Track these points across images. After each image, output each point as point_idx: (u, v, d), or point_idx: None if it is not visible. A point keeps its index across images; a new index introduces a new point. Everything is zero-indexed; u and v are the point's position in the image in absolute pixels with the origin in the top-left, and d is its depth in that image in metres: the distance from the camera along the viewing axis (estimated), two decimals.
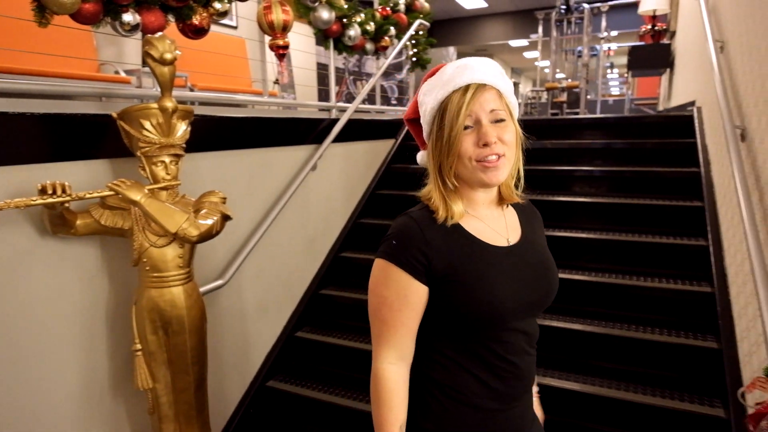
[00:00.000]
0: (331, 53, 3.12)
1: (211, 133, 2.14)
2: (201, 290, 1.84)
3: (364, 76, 6.67)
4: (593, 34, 7.27)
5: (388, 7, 3.61)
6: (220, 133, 2.20)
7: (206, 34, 2.01)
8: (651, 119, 3.82)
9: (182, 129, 1.64)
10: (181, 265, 1.65)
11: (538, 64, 8.30)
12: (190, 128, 1.68)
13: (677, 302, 2.33)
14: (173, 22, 1.90)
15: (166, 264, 1.62)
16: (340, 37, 3.08)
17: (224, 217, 1.67)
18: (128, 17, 1.69)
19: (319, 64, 5.58)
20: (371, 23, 3.28)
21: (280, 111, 3.11)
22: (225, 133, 2.23)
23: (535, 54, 8.41)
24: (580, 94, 7.13)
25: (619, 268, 2.59)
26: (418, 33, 4.01)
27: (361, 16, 3.20)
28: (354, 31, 3.09)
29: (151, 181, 1.61)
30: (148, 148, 1.57)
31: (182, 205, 1.64)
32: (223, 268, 2.22)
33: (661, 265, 2.53)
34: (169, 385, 1.70)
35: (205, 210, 1.64)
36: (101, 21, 1.66)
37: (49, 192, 1.38)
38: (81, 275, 1.65)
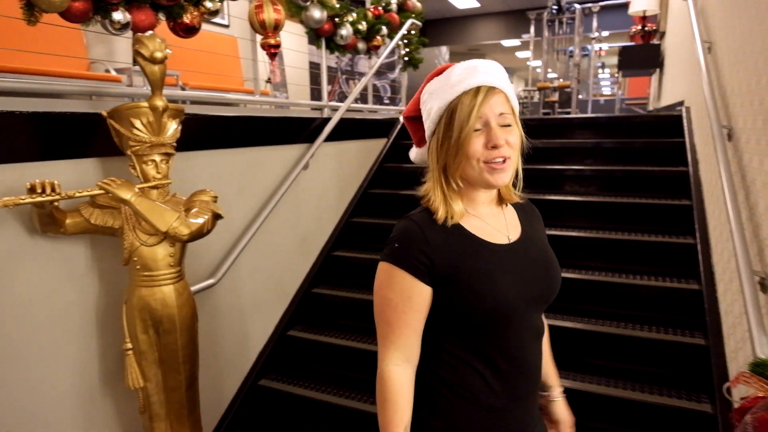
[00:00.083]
0: (323, 52, 3.12)
1: (203, 132, 2.14)
2: (192, 289, 1.84)
3: (357, 76, 6.67)
4: (584, 35, 7.32)
5: (380, 7, 3.61)
6: (211, 132, 2.20)
7: (197, 33, 2.00)
8: (641, 119, 3.86)
9: (173, 128, 1.64)
10: (171, 264, 1.65)
11: (530, 63, 8.33)
12: (180, 127, 1.68)
13: (666, 300, 2.36)
14: (164, 20, 1.89)
15: (157, 263, 1.62)
16: (331, 37, 3.08)
17: (215, 216, 1.67)
18: (118, 15, 1.68)
19: (312, 63, 5.57)
20: (363, 22, 3.29)
21: (272, 110, 3.11)
22: (216, 132, 2.23)
23: (527, 54, 8.44)
24: (571, 94, 7.18)
25: (609, 266, 2.61)
26: (410, 32, 4.02)
27: (353, 15, 3.20)
28: (346, 31, 3.09)
29: (142, 180, 1.60)
30: (139, 147, 1.57)
31: (173, 203, 1.64)
32: (215, 267, 2.22)
33: (650, 263, 2.56)
34: (160, 384, 1.70)
35: (196, 209, 1.64)
36: (91, 19, 1.65)
37: (38, 191, 1.38)
38: (71, 274, 1.64)
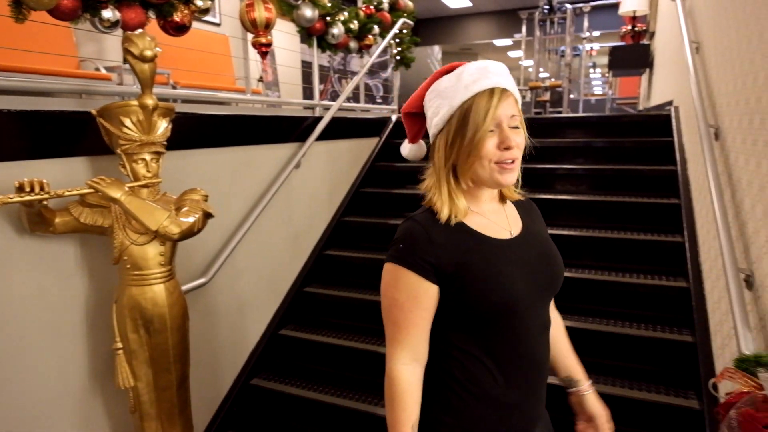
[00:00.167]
0: (315, 51, 3.12)
1: (194, 131, 2.13)
2: (183, 288, 1.84)
3: (349, 75, 6.66)
4: (576, 34, 7.36)
5: (372, 6, 3.61)
6: (202, 131, 2.19)
7: (187, 31, 1.99)
8: (631, 118, 3.89)
9: (163, 126, 1.63)
10: (162, 263, 1.65)
11: (521, 63, 8.36)
12: (171, 125, 1.67)
13: (654, 297, 2.38)
14: (154, 18, 1.88)
15: (147, 262, 1.61)
16: (323, 35, 3.08)
17: (206, 215, 1.67)
18: (108, 14, 1.67)
19: (304, 62, 5.56)
20: (355, 21, 3.29)
21: (264, 109, 3.10)
22: (208, 131, 2.22)
23: (519, 53, 8.47)
24: (563, 93, 7.22)
25: (599, 264, 2.63)
26: (402, 31, 4.03)
27: (345, 14, 3.20)
28: (337, 30, 3.09)
29: (132, 179, 1.60)
30: (129, 146, 1.56)
31: (163, 202, 1.63)
32: (206, 266, 2.21)
33: (639, 261, 2.59)
34: (151, 384, 1.69)
35: (186, 208, 1.63)
36: (80, 17, 1.64)
37: (27, 189, 1.37)
38: (60, 274, 1.63)
